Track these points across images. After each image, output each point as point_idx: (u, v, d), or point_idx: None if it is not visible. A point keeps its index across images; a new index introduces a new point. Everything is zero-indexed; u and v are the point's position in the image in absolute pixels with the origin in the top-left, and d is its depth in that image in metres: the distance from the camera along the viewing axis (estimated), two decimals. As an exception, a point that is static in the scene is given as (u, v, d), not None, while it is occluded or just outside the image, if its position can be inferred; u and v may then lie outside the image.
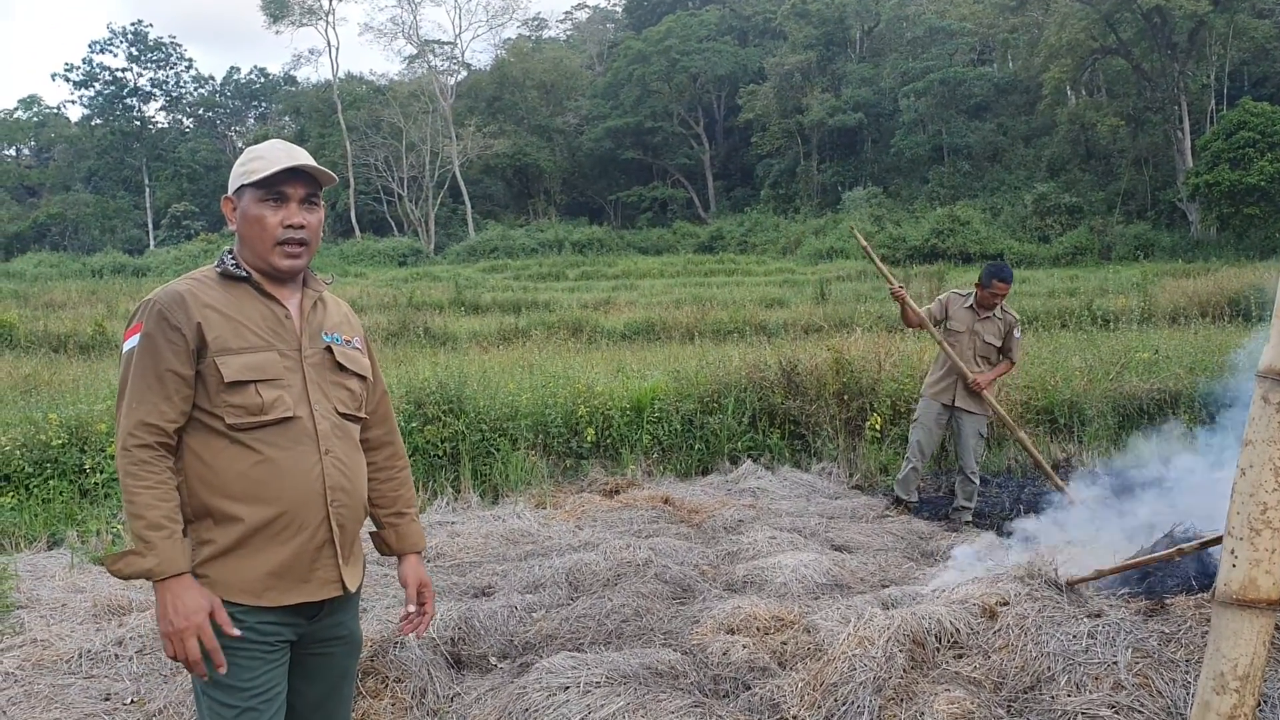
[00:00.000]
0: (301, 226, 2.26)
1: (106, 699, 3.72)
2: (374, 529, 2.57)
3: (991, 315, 6.87)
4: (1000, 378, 7.05)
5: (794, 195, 51.95)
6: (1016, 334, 6.92)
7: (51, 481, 6.79)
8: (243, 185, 2.25)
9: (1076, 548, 5.29)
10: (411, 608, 2.53)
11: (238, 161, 2.31)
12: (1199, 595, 3.72)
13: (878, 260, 7.06)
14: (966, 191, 45.34)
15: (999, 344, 6.89)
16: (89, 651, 4.11)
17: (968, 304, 6.93)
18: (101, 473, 6.87)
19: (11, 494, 6.63)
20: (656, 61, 55.22)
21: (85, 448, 7.06)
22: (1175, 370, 9.40)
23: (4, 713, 3.59)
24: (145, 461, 2.10)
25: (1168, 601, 3.71)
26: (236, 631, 2.12)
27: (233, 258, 2.28)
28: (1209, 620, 3.30)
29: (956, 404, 6.88)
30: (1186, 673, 3.18)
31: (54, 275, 36.80)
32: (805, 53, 52.96)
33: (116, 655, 4.09)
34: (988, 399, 6.82)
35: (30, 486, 6.76)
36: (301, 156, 2.27)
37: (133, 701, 3.68)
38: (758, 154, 54.59)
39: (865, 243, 7.13)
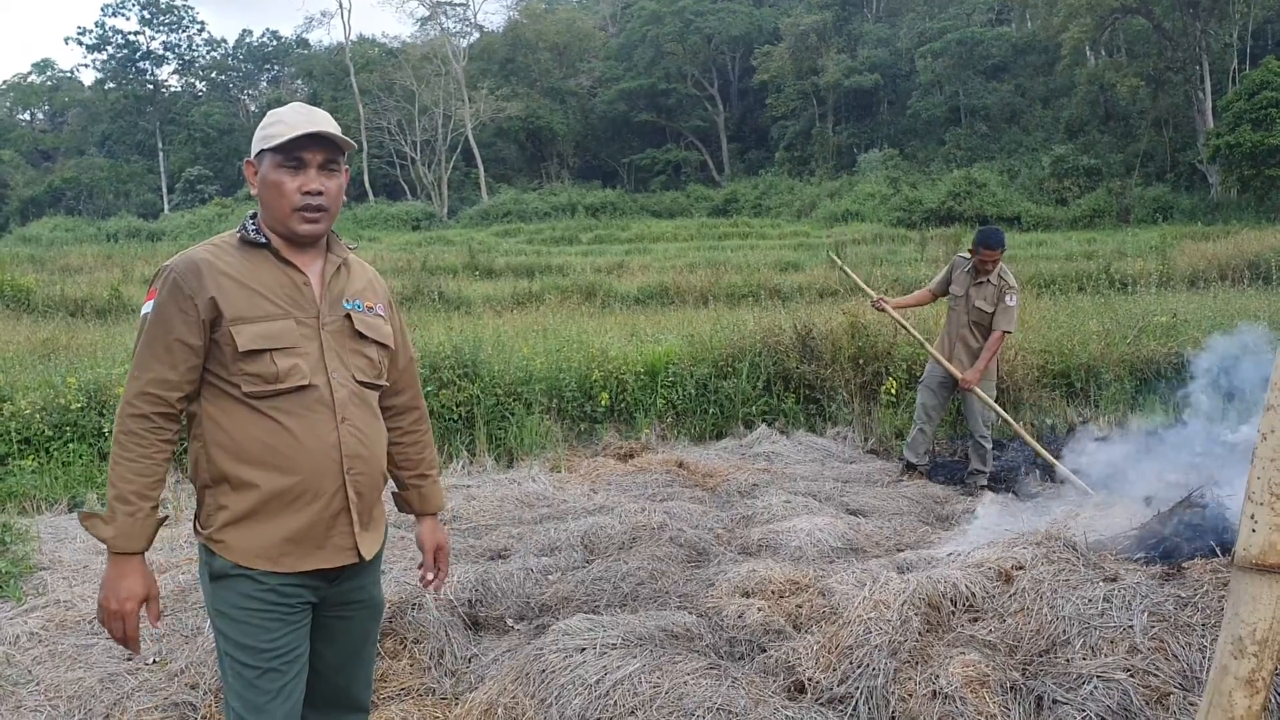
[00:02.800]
0: (320, 192, 2.23)
1: (129, 659, 3.77)
2: (397, 489, 2.62)
3: (987, 280, 6.73)
4: (996, 354, 6.85)
5: (809, 158, 51.51)
6: (1008, 301, 6.67)
7: (71, 445, 6.85)
8: (262, 150, 2.23)
9: (1092, 511, 5.28)
10: (430, 575, 2.59)
11: (259, 125, 2.29)
12: (1215, 560, 3.71)
13: (857, 278, 7.66)
14: (983, 153, 44.86)
15: (991, 310, 6.72)
16: (111, 612, 4.15)
17: (968, 268, 6.85)
18: (120, 436, 6.92)
19: (32, 457, 6.69)
20: (670, 22, 54.62)
21: (104, 411, 7.10)
22: (1194, 334, 9.33)
23: (29, 672, 3.64)
24: (135, 433, 2.12)
25: (1184, 566, 3.70)
26: (159, 627, 2.20)
27: (254, 224, 2.27)
28: (1226, 585, 3.30)
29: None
30: (1203, 637, 3.18)
31: (69, 240, 36.90)
32: (821, 13, 52.34)
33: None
34: (981, 396, 6.74)
35: (50, 450, 6.82)
36: (321, 121, 2.24)
37: (155, 662, 3.73)
38: (772, 116, 54.09)
39: (840, 261, 7.89)
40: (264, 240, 2.24)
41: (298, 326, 2.22)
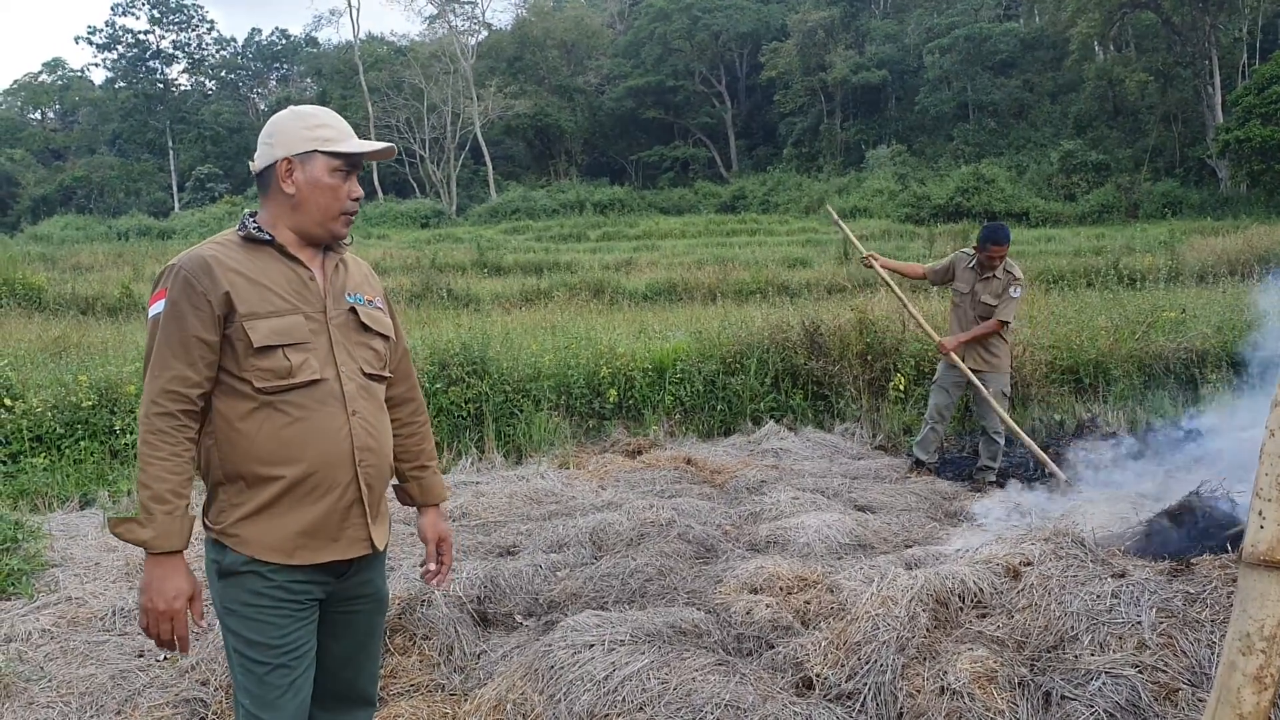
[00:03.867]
0: (360, 198, 2.34)
1: (140, 655, 3.79)
2: (397, 482, 2.61)
3: (993, 275, 6.77)
4: (981, 337, 6.80)
5: (817, 154, 51.43)
6: (1013, 292, 6.72)
7: (82, 442, 6.88)
8: (315, 150, 2.25)
9: (1099, 505, 5.28)
10: (432, 565, 2.58)
11: (293, 121, 2.28)
12: (1224, 556, 3.70)
13: (849, 231, 7.87)
14: (992, 149, 44.75)
15: (996, 304, 6.76)
16: (122, 609, 4.18)
17: (971, 264, 6.87)
18: (131, 434, 6.95)
19: (43, 455, 6.73)
20: (678, 19, 54.57)
21: (115, 409, 7.14)
22: (1202, 330, 9.30)
23: (41, 668, 3.66)
24: (163, 431, 2.11)
25: (1192, 562, 3.70)
26: (205, 623, 2.16)
27: (254, 221, 2.28)
28: (1234, 581, 3.30)
29: (972, 366, 6.84)
30: (1211, 633, 3.17)
31: (80, 238, 36.94)
32: (828, 9, 52.21)
33: (149, 613, 4.16)
34: (957, 363, 6.75)
35: (62, 447, 6.85)
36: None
37: (165, 658, 3.75)
38: (780, 112, 54.03)
39: (835, 215, 8.04)
40: (268, 237, 2.26)
41: (306, 321, 2.24)
